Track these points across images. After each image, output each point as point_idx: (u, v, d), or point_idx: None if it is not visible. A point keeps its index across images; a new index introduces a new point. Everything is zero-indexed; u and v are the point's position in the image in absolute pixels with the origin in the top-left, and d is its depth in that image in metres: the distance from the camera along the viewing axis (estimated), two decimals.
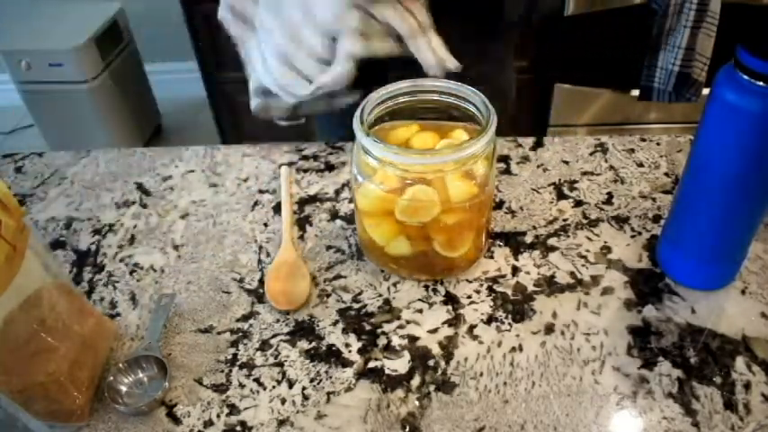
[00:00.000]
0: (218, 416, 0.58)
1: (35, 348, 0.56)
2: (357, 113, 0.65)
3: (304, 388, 0.60)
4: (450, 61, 0.67)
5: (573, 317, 0.65)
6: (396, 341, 0.64)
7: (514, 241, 0.74)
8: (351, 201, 0.81)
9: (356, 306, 0.68)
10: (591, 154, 0.87)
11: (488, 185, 0.65)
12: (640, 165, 0.84)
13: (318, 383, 0.61)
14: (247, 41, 0.73)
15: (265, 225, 0.78)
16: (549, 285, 0.69)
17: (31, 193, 0.87)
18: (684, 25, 1.40)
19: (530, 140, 0.89)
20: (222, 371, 0.62)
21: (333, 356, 0.63)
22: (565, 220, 0.76)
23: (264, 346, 0.64)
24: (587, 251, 0.72)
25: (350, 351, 0.63)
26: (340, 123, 0.72)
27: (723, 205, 0.60)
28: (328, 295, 0.69)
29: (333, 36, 0.66)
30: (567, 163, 0.85)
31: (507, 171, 0.84)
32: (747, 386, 0.58)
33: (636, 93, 1.60)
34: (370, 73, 0.68)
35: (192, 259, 0.75)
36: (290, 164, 0.88)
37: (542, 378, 0.60)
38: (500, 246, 0.74)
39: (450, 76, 0.69)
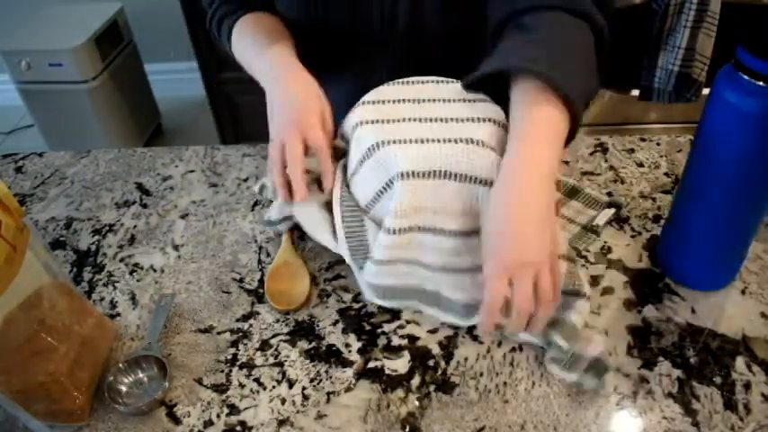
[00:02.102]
0: (218, 416, 0.58)
1: (35, 348, 0.56)
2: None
3: (304, 388, 0.60)
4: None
5: None
6: (396, 341, 0.64)
7: None
8: None
9: (356, 306, 0.68)
10: (591, 154, 0.87)
11: None
12: (640, 165, 0.84)
13: (318, 383, 0.61)
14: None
15: None
16: None
17: (31, 193, 0.87)
18: (684, 25, 1.40)
19: None
20: (222, 371, 0.62)
21: (333, 356, 0.63)
22: None
23: (264, 346, 0.64)
24: (587, 251, 0.72)
25: (350, 351, 0.63)
26: None
27: (723, 205, 0.60)
28: (328, 295, 0.69)
29: None
30: (566, 163, 0.85)
31: None
32: (747, 386, 0.58)
33: (636, 93, 1.60)
34: None
35: (192, 259, 0.75)
36: None
37: (542, 378, 0.60)
38: None
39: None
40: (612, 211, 0.76)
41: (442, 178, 0.58)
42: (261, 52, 0.72)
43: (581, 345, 0.60)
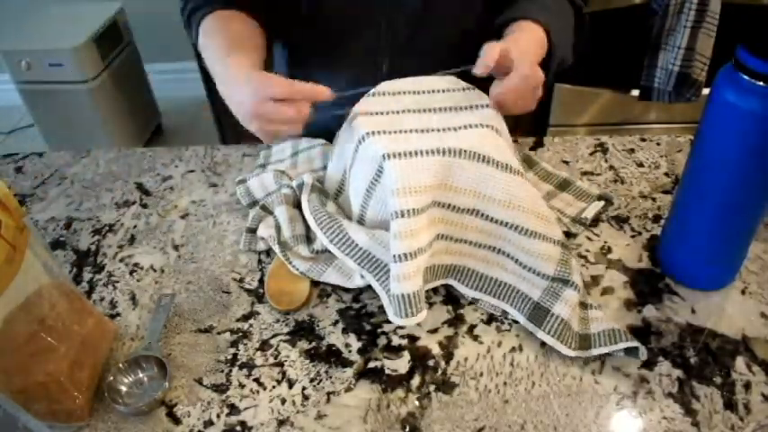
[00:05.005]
0: (218, 416, 0.58)
1: (35, 348, 0.56)
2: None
3: (304, 388, 0.60)
4: None
5: None
6: (396, 341, 0.64)
7: None
8: None
9: (356, 306, 0.68)
10: (591, 154, 0.87)
11: None
12: (640, 165, 0.84)
13: (318, 383, 0.61)
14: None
15: None
16: None
17: (31, 193, 0.87)
18: (684, 25, 1.40)
19: (530, 140, 0.89)
20: (222, 371, 0.62)
21: (333, 356, 0.63)
22: None
23: (264, 346, 0.64)
24: (587, 251, 0.72)
25: (350, 351, 0.63)
26: None
27: (723, 205, 0.60)
28: (328, 295, 0.69)
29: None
30: (567, 163, 0.85)
31: None
32: (747, 386, 0.58)
33: (636, 93, 1.60)
34: None
35: (192, 259, 0.75)
36: None
37: (542, 378, 0.60)
38: None
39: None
40: (602, 203, 0.76)
41: (427, 156, 0.60)
42: (221, 58, 0.72)
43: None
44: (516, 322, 0.65)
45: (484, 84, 0.69)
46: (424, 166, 0.60)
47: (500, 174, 0.61)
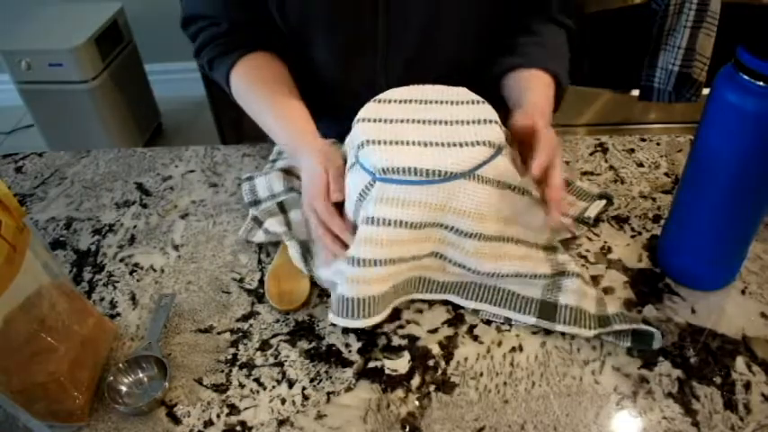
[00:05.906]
0: (218, 416, 0.58)
1: (35, 348, 0.56)
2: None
3: (304, 388, 0.60)
4: None
5: None
6: (396, 341, 0.64)
7: None
8: None
9: None
10: (591, 154, 0.87)
11: None
12: (640, 165, 0.84)
13: (318, 383, 0.61)
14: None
15: None
16: None
17: (31, 193, 0.87)
18: (684, 25, 1.40)
19: None
20: (222, 371, 0.62)
21: (333, 356, 0.63)
22: None
23: (264, 346, 0.64)
24: (587, 251, 0.72)
25: (350, 351, 0.63)
26: None
27: (723, 205, 0.60)
28: (328, 295, 0.69)
29: None
30: (567, 163, 0.85)
31: None
32: (747, 386, 0.58)
33: (636, 93, 1.60)
34: None
35: (192, 259, 0.75)
36: None
37: (542, 378, 0.60)
38: None
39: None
40: (603, 202, 0.76)
41: (413, 175, 0.59)
42: (276, 119, 0.76)
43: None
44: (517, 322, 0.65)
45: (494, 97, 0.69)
46: (419, 190, 0.59)
47: (495, 191, 0.61)
